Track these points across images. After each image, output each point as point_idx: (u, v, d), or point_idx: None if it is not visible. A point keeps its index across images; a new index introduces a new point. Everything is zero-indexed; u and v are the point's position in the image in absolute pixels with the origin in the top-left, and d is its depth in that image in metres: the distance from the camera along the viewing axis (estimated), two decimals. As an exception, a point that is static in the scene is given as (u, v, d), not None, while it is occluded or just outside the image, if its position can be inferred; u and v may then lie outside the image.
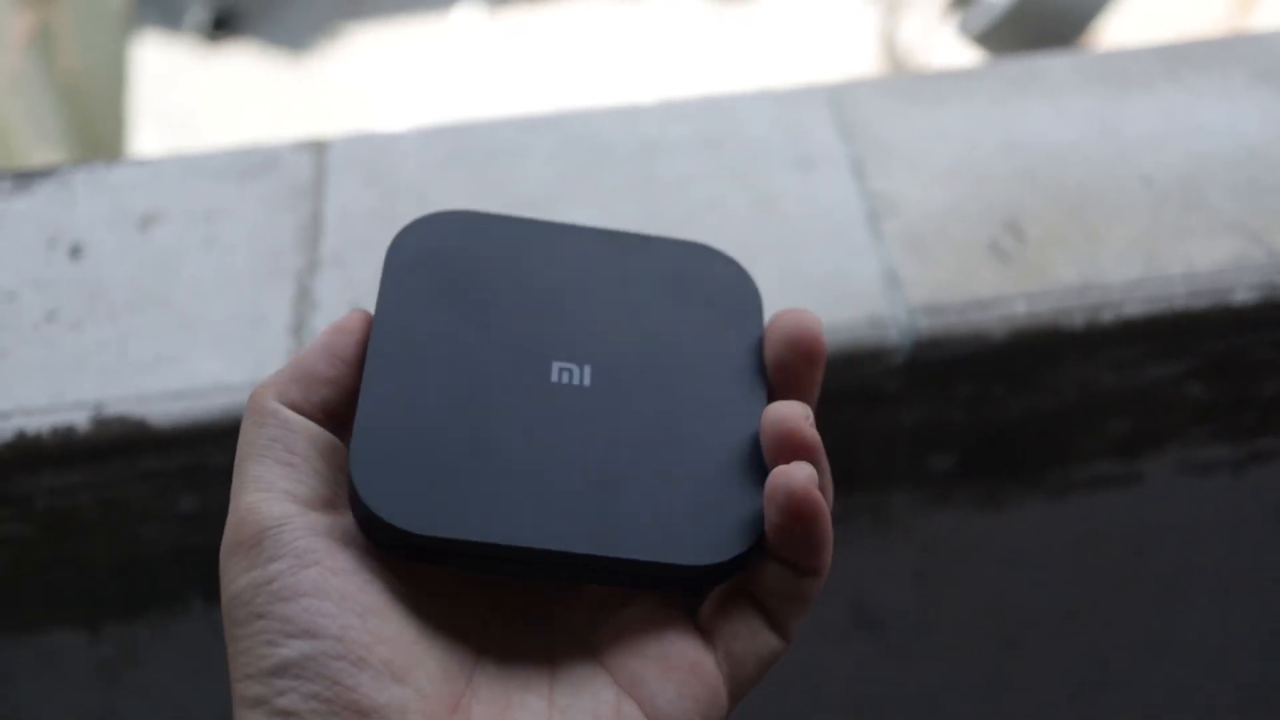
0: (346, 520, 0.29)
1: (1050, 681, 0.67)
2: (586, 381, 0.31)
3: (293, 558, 0.27)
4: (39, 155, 1.10)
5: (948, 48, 1.57)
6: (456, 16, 2.10)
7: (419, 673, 0.26)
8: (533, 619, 0.30)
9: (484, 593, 0.30)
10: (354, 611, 0.26)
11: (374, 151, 0.55)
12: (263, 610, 0.26)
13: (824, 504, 0.28)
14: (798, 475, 0.28)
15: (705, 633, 0.29)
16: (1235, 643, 0.66)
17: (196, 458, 0.47)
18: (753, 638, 0.29)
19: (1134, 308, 0.48)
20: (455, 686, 0.27)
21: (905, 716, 0.67)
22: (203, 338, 0.48)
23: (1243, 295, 0.48)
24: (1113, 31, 1.68)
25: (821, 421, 0.50)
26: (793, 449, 0.29)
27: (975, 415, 0.51)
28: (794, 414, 0.29)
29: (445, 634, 0.28)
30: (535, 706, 0.27)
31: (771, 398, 0.32)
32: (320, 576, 0.27)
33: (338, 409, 0.30)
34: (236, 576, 0.27)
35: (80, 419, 0.46)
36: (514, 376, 0.31)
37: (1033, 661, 0.65)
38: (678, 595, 0.30)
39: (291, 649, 0.26)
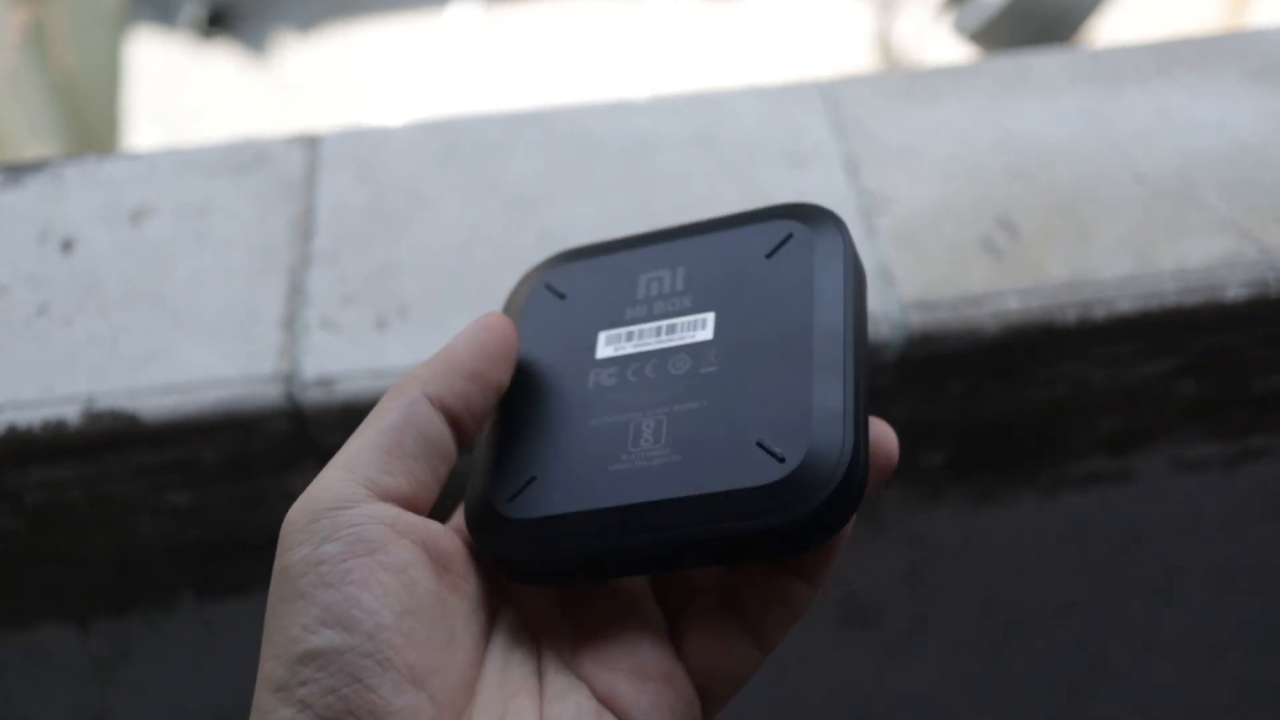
0: (413, 516, 0.29)
1: (1042, 678, 0.67)
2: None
3: (347, 543, 0.27)
4: (33, 152, 1.10)
5: (941, 46, 1.57)
6: (451, 13, 2.10)
7: (436, 680, 0.27)
8: (523, 633, 0.31)
9: (488, 604, 0.30)
10: (392, 609, 0.26)
11: (366, 147, 0.55)
12: (306, 590, 0.26)
13: None
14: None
15: (680, 645, 0.30)
16: (1227, 638, 0.66)
17: (188, 452, 0.47)
18: (729, 652, 0.30)
19: (1126, 304, 0.48)
20: (464, 696, 0.28)
21: (896, 713, 0.67)
22: (195, 332, 0.48)
23: (1234, 292, 0.48)
24: (1105, 30, 1.68)
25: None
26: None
27: (967, 411, 0.51)
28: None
29: (463, 643, 0.28)
30: (527, 717, 0.28)
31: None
32: (368, 568, 0.26)
33: (477, 408, 0.31)
34: (290, 549, 0.27)
35: (71, 413, 0.46)
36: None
37: (1024, 658, 0.65)
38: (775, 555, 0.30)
39: (323, 638, 0.26)
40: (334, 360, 0.47)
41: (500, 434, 0.32)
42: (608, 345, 0.33)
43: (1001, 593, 0.61)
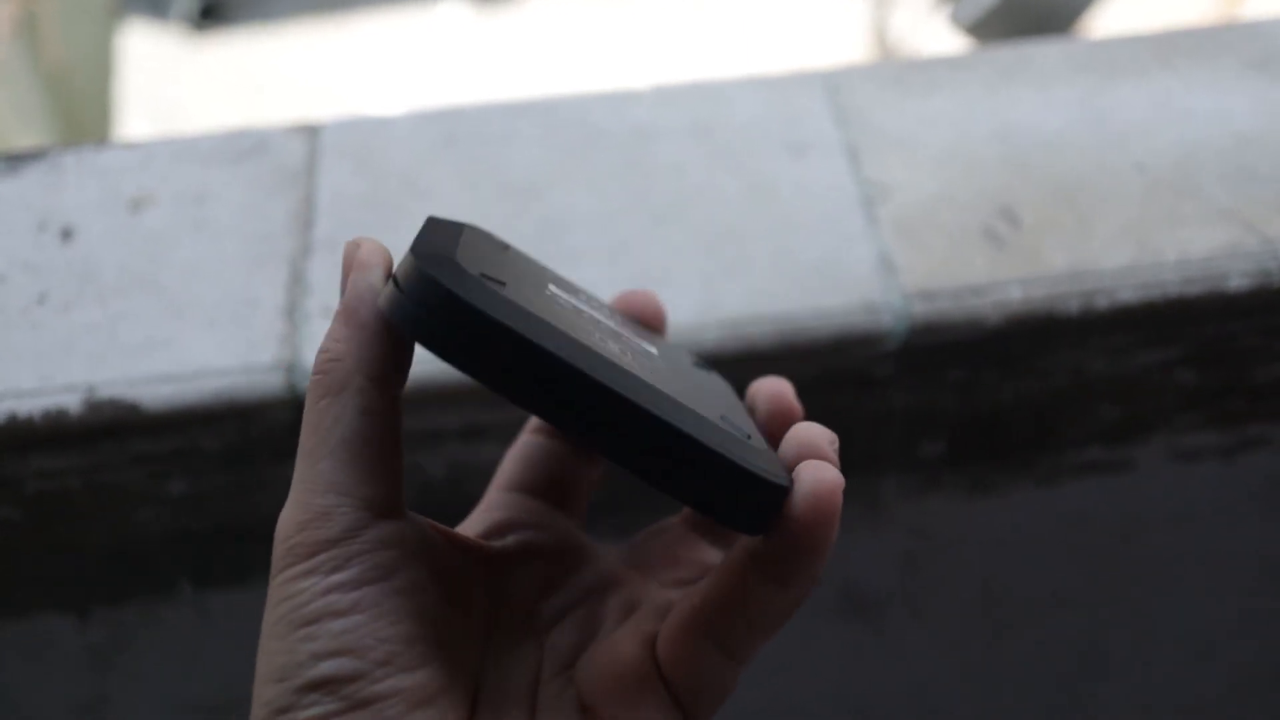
0: (418, 533, 0.28)
1: (1039, 667, 0.67)
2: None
3: (360, 570, 0.26)
4: (24, 144, 1.10)
5: (938, 38, 1.57)
6: (444, 6, 2.10)
7: (443, 700, 0.27)
8: (521, 634, 0.30)
9: (489, 611, 0.30)
10: (404, 636, 0.26)
11: (365, 136, 0.55)
12: (314, 617, 0.26)
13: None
14: (832, 473, 0.26)
15: (663, 661, 0.29)
16: (1224, 628, 0.67)
17: (188, 441, 0.47)
18: (712, 671, 0.28)
19: (1128, 294, 0.48)
20: (468, 706, 0.27)
21: (894, 702, 0.67)
22: (194, 321, 0.48)
23: (1236, 282, 0.49)
24: (1101, 23, 1.68)
25: (813, 407, 0.50)
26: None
27: (967, 401, 0.52)
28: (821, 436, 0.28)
29: (468, 657, 0.28)
30: None
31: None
32: (380, 594, 0.26)
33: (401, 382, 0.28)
34: (296, 578, 0.26)
35: (72, 401, 0.45)
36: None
37: (1022, 647, 0.65)
38: (714, 523, 0.29)
39: (335, 665, 0.25)
40: (335, 349, 0.47)
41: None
42: (559, 292, 0.31)
43: (998, 582, 0.61)
